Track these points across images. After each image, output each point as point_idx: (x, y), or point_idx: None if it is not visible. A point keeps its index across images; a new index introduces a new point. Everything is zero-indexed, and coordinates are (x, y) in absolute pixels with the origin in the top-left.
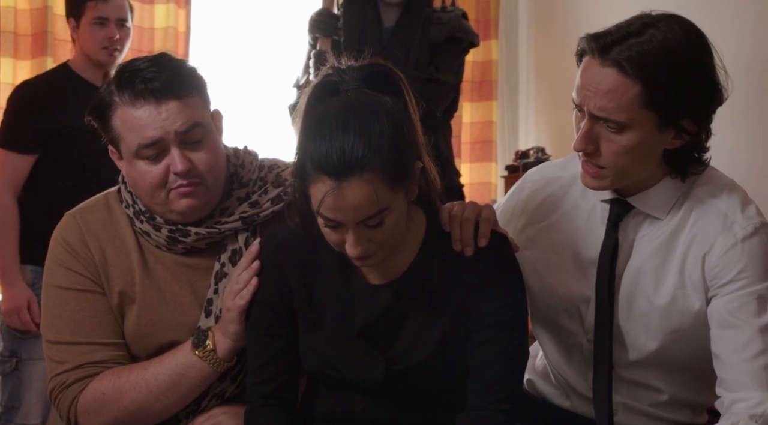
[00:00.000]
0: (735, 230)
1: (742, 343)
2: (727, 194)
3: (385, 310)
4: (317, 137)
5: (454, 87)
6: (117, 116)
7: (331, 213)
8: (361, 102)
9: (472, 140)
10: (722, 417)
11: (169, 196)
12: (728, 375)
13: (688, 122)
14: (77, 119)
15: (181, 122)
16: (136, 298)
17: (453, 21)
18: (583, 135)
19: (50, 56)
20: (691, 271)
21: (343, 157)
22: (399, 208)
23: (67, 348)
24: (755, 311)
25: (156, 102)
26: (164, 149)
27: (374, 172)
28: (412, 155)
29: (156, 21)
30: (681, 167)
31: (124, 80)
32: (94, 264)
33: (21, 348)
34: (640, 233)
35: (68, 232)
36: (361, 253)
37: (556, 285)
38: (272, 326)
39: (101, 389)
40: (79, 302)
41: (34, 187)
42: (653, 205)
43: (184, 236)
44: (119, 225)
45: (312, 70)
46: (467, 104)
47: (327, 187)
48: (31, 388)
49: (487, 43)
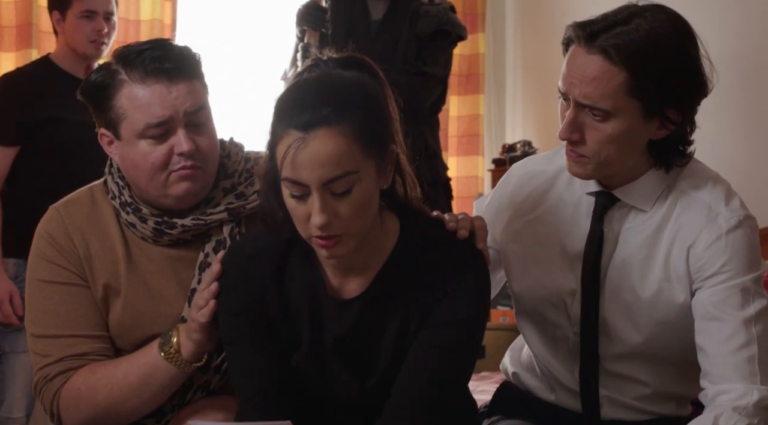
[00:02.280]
0: (719, 223)
1: (726, 336)
2: (711, 187)
3: (355, 324)
4: (288, 93)
5: (442, 80)
6: (123, 94)
7: (296, 172)
8: (338, 74)
9: (459, 134)
10: (706, 409)
11: (169, 178)
12: (712, 368)
13: (673, 111)
14: (59, 111)
15: (190, 102)
16: (121, 291)
17: (441, 14)
18: (568, 124)
19: (35, 48)
20: (676, 264)
21: (312, 108)
22: (369, 181)
23: (51, 342)
24: (739, 303)
25: (168, 81)
26: (169, 130)
27: (344, 126)
28: (386, 129)
29: (142, 13)
30: (665, 158)
31: (132, 60)
32: (77, 257)
33: (4, 342)
34: (625, 225)
35: (52, 225)
36: (325, 222)
37: (542, 278)
38: (252, 336)
39: (77, 385)
40: (62, 295)
41: (16, 180)
42: (638, 197)
43: (170, 228)
44: (104, 218)
45: (300, 62)
46: (454, 98)
47: (292, 139)
48: (15, 381)
49: (474, 37)
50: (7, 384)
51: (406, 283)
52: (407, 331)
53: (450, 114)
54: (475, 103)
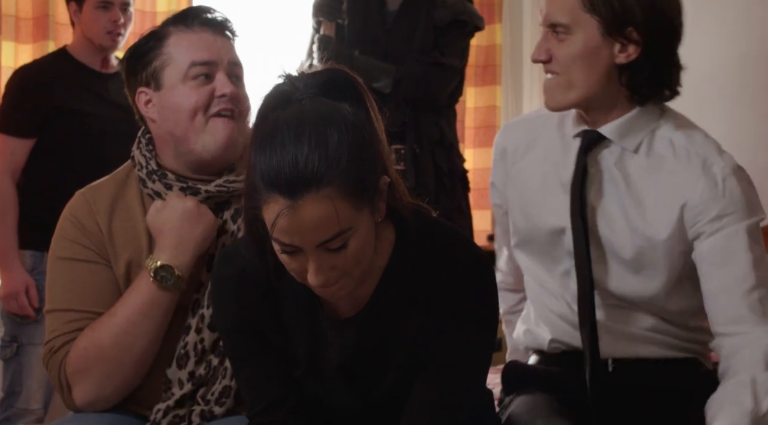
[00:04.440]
0: (714, 171)
1: (735, 278)
2: (703, 140)
3: (357, 344)
4: (268, 150)
5: (459, 71)
6: (169, 41)
7: (287, 237)
8: (316, 110)
9: (475, 125)
10: (731, 363)
11: (209, 122)
12: (724, 311)
13: (633, 32)
14: (75, 103)
15: (232, 54)
16: (142, 264)
17: (458, 4)
18: (538, 45)
19: (52, 40)
20: (671, 211)
21: (296, 170)
22: (364, 229)
23: (60, 315)
24: (745, 246)
25: (213, 32)
26: (212, 74)
27: (333, 186)
28: (376, 167)
29: (158, 5)
30: (639, 89)
31: (178, 16)
32: (100, 237)
33: (22, 333)
34: (611, 164)
35: (77, 209)
36: (323, 282)
37: (536, 218)
38: (254, 350)
39: (81, 345)
40: (79, 271)
41: (33, 172)
42: (621, 134)
43: (195, 194)
44: (128, 196)
45: (316, 54)
46: (471, 89)
47: (280, 206)
48: (32, 373)
49: (491, 28)
50: (24, 376)
51: (407, 293)
52: (414, 342)
53: (467, 105)
54: (492, 95)
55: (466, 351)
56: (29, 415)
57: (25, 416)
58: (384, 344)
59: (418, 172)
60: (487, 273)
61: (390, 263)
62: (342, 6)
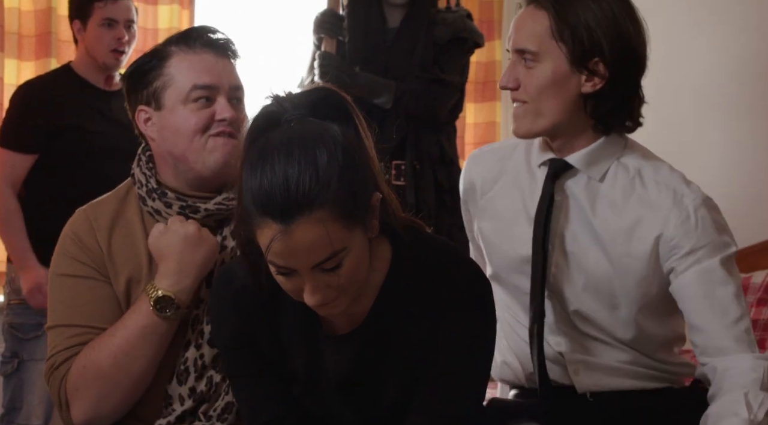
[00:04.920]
0: (686, 203)
1: (720, 310)
2: (670, 172)
3: (355, 361)
4: (258, 173)
5: (459, 87)
6: (171, 62)
7: (281, 260)
8: (305, 132)
9: (475, 141)
10: (723, 385)
11: (208, 142)
12: (712, 342)
13: (599, 63)
14: (78, 120)
15: (233, 78)
16: (142, 282)
17: (458, 21)
18: (506, 72)
19: (54, 57)
20: (640, 243)
21: (287, 194)
22: (358, 247)
23: (62, 331)
24: (724, 278)
25: (215, 54)
26: (212, 98)
27: (324, 209)
28: (367, 186)
29: (160, 22)
30: (603, 119)
31: (181, 36)
32: (100, 255)
33: (23, 349)
34: (578, 193)
35: (78, 226)
36: (319, 301)
37: (506, 249)
38: (252, 368)
39: (80, 364)
40: (79, 288)
41: (35, 188)
42: (587, 163)
43: (194, 212)
44: (128, 213)
45: (317, 71)
46: (471, 105)
47: (273, 232)
48: (33, 389)
49: (490, 44)
50: (25, 392)
51: (404, 308)
52: (412, 358)
53: (467, 121)
54: (492, 111)
55: (464, 366)
56: None
57: None
58: (382, 360)
59: (418, 188)
60: (484, 287)
61: (387, 279)
62: (343, 23)
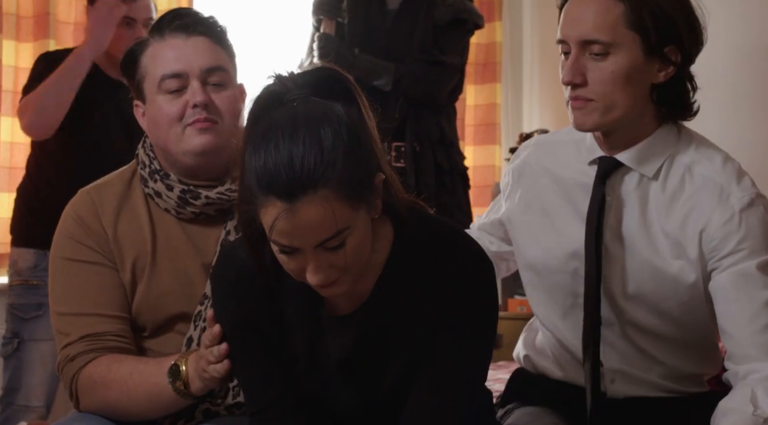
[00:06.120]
0: (732, 203)
1: (749, 316)
2: (722, 165)
3: (356, 341)
4: (262, 152)
5: (459, 69)
6: (147, 54)
7: (285, 239)
8: (309, 111)
9: (476, 123)
10: (737, 386)
11: (185, 132)
12: (737, 349)
13: (673, 49)
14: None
15: (207, 59)
16: (146, 269)
17: (457, 2)
18: (570, 66)
19: (53, 38)
20: (688, 245)
21: (292, 173)
22: (361, 227)
23: (73, 320)
24: (759, 284)
25: (185, 35)
26: (186, 86)
27: (329, 188)
28: (371, 165)
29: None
30: (671, 111)
31: (155, 24)
32: (105, 239)
33: (23, 329)
34: (630, 192)
35: (81, 207)
36: (323, 280)
37: (551, 247)
38: (253, 349)
39: (94, 376)
40: (87, 274)
41: (39, 169)
42: (641, 160)
43: (195, 198)
44: (133, 197)
45: (316, 52)
46: (471, 87)
47: (278, 210)
48: (33, 370)
49: (491, 25)
50: (24, 372)
51: (406, 289)
52: (414, 339)
53: (467, 103)
54: (492, 93)
55: (466, 348)
56: (30, 412)
57: (26, 413)
58: (384, 340)
59: (418, 170)
60: (486, 267)
61: (389, 260)
62: (342, 4)
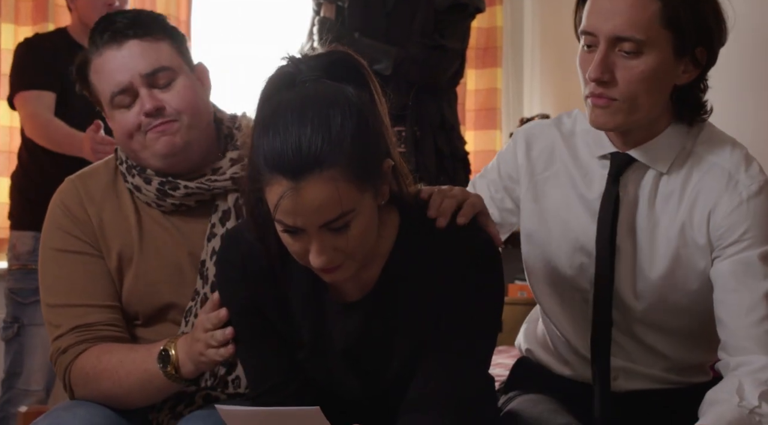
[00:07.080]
0: (740, 190)
1: (747, 307)
2: (730, 152)
3: (362, 329)
4: (270, 132)
5: (460, 53)
6: (91, 71)
7: (290, 218)
8: (319, 93)
9: (476, 108)
10: (726, 377)
11: (147, 138)
12: (732, 340)
13: (702, 50)
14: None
15: (144, 63)
16: (133, 259)
17: None
18: (599, 62)
19: (51, 22)
20: (696, 231)
21: (299, 152)
22: (367, 211)
23: (62, 311)
24: (759, 274)
25: (117, 45)
26: (137, 95)
27: (336, 168)
28: (379, 150)
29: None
30: (688, 111)
31: (92, 34)
32: (91, 228)
33: (23, 314)
34: (642, 188)
35: (67, 196)
36: (325, 262)
37: (560, 240)
38: (258, 333)
39: (86, 367)
40: (75, 264)
41: (35, 153)
42: (655, 156)
43: (174, 189)
44: (118, 187)
45: (315, 36)
46: (472, 71)
47: (283, 188)
48: (34, 354)
49: (492, 10)
50: (24, 356)
51: (412, 276)
52: (419, 326)
53: (467, 88)
54: (493, 77)
55: (471, 335)
56: (29, 396)
57: (26, 397)
58: (389, 328)
59: (418, 154)
60: (493, 254)
61: (395, 247)
62: None
